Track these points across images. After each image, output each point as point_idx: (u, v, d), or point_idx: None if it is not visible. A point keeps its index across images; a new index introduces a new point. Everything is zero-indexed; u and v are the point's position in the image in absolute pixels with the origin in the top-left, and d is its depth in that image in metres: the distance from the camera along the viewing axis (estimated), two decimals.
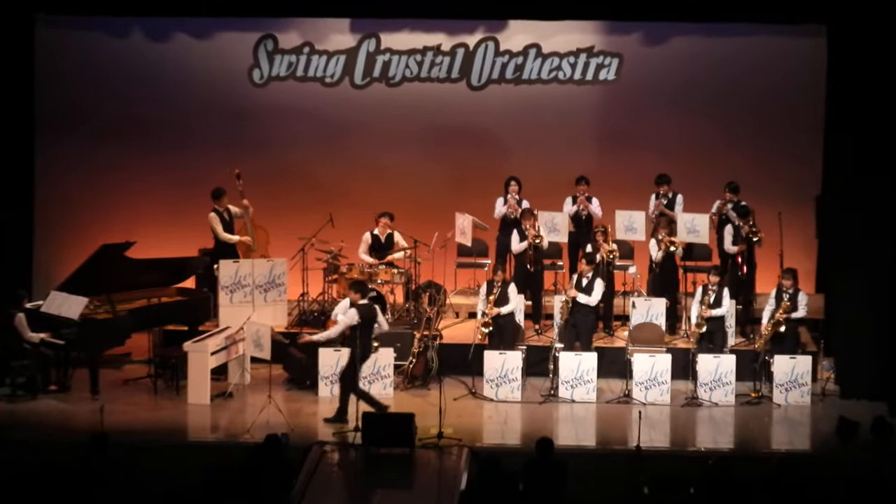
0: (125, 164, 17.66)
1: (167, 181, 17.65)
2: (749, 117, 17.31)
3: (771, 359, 14.79)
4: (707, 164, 17.12)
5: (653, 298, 15.72)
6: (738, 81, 17.29)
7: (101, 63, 17.62)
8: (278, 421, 13.82)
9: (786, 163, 17.19)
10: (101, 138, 17.60)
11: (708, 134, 17.39)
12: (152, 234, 16.74)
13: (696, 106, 17.39)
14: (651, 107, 17.47)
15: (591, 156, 17.48)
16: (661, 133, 17.40)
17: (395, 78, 17.66)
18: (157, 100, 17.67)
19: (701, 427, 14.29)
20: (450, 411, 13.89)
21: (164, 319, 15.68)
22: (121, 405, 14.36)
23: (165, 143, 17.67)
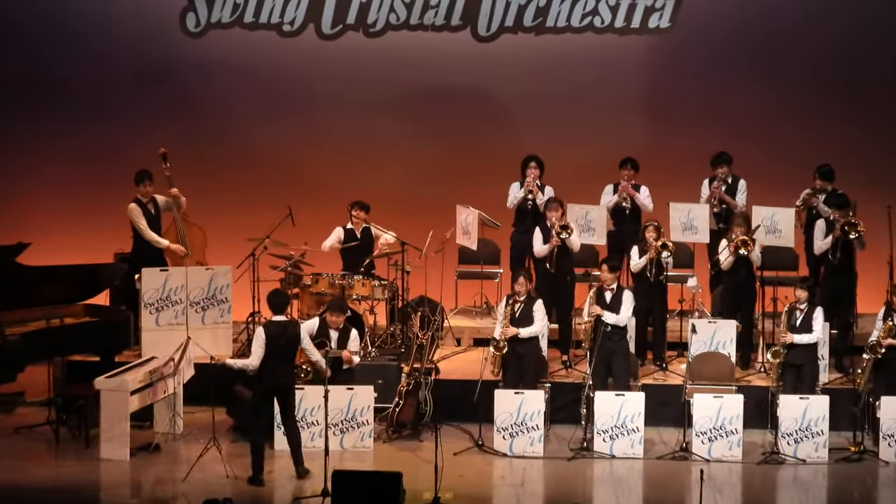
0: (16, 139, 17.87)
1: (72, 163, 17.86)
2: (847, 81, 17.54)
3: (877, 401, 14.83)
4: (789, 142, 17.34)
5: (720, 320, 15.81)
6: (833, 34, 17.54)
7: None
8: (221, 483, 13.86)
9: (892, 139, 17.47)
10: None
11: (793, 102, 17.62)
12: (53, 234, 16.92)
13: (777, 65, 17.60)
14: (717, 66, 17.70)
15: (638, 131, 17.71)
16: (730, 101, 17.66)
17: (375, 26, 17.85)
18: (61, 55, 17.86)
19: (784, 491, 14.33)
20: (449, 469, 13.83)
21: (69, 346, 15.67)
22: (12, 461, 14.38)
23: (70, 113, 17.85)
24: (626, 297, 15.21)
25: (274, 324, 14.08)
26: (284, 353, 14.06)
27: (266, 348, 13.90)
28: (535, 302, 15.24)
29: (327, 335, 14.75)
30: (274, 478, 14.19)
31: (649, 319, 16.03)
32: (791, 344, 14.98)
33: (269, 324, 14.12)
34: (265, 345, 13.89)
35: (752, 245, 15.68)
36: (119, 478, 14.19)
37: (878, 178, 16.88)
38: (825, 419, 14.70)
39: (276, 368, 13.98)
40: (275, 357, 13.95)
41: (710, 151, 16.67)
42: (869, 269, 16.29)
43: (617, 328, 15.16)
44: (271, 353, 13.93)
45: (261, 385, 14.05)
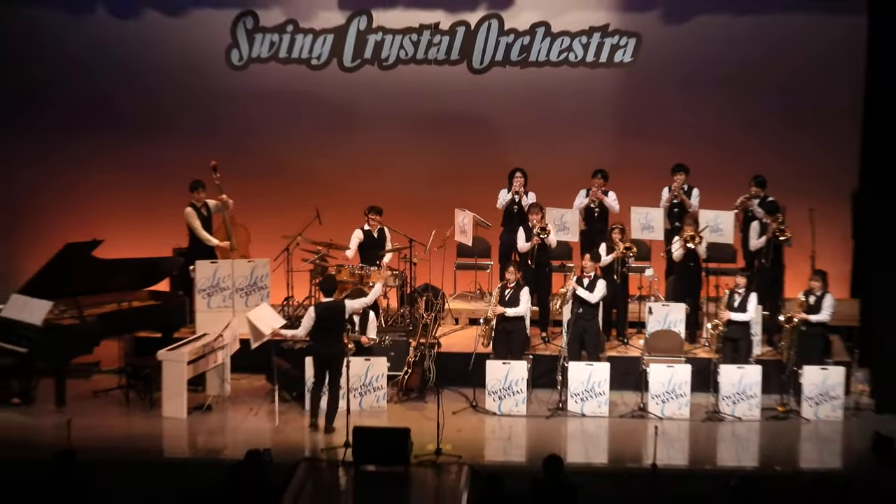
0: (91, 154, 17.81)
1: (138, 173, 17.78)
2: (778, 104, 17.48)
3: (800, 370, 14.96)
4: (732, 156, 17.28)
5: (671, 303, 15.88)
6: (766, 64, 17.45)
7: (62, 43, 17.78)
8: (262, 436, 14.04)
9: (819, 154, 17.37)
10: (65, 127, 17.78)
11: (733, 123, 17.55)
12: (122, 232, 16.86)
13: (720, 92, 17.53)
14: (671, 93, 17.61)
15: (605, 147, 17.60)
16: (682, 122, 17.57)
17: (388, 60, 17.85)
18: (126, 84, 17.80)
19: (723, 444, 14.42)
20: (448, 426, 14.00)
21: (136, 325, 15.82)
22: (89, 419, 14.34)
23: (135, 132, 17.80)
24: (600, 283, 15.35)
25: (323, 304, 14.36)
26: (332, 328, 14.29)
27: (316, 323, 14.22)
28: (522, 288, 15.36)
29: (350, 319, 14.90)
30: (305, 433, 14.31)
31: (614, 303, 16.13)
32: (729, 321, 15.12)
33: (319, 304, 14.41)
34: (314, 320, 14.22)
35: (699, 240, 15.82)
36: (178, 432, 14.40)
37: (804, 186, 16.88)
38: (758, 384, 14.87)
39: (325, 340, 14.27)
40: (324, 331, 14.25)
41: (666, 164, 16.63)
42: (795, 262, 16.33)
43: (588, 309, 15.26)
44: (321, 327, 14.23)
45: (314, 354, 14.35)
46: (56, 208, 17.87)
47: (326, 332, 14.31)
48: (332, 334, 14.36)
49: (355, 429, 13.37)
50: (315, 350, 14.44)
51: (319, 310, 14.38)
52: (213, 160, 16.51)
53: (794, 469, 13.70)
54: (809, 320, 15.11)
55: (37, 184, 17.88)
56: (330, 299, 14.49)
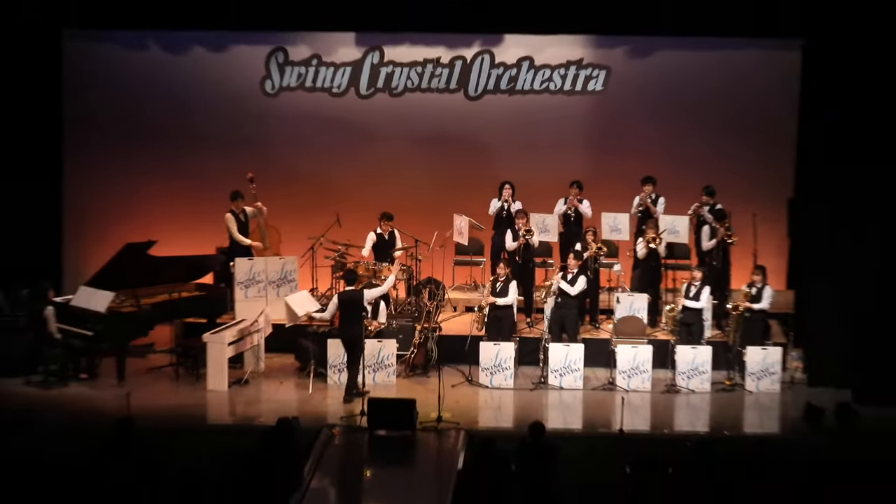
0: (146, 168, 17.76)
1: (185, 184, 17.75)
2: (727, 126, 17.38)
3: (744, 349, 14.97)
4: (688, 170, 17.19)
5: (635, 294, 15.85)
6: (717, 92, 17.39)
7: (123, 74, 17.74)
8: (290, 405, 14.06)
9: (761, 168, 17.29)
10: (124, 144, 17.72)
11: (689, 141, 17.46)
12: (172, 234, 16.86)
13: (678, 115, 17.47)
14: (636, 116, 17.55)
15: (580, 162, 17.52)
16: (645, 140, 17.48)
17: (397, 88, 17.79)
18: (176, 108, 17.77)
19: (679, 412, 14.41)
20: (448, 397, 14.00)
21: (185, 312, 15.80)
22: (145, 392, 14.42)
23: (184, 149, 17.77)
24: (580, 279, 15.33)
25: (345, 292, 14.36)
26: (352, 313, 14.26)
27: (339, 309, 14.22)
28: (510, 281, 15.35)
29: (364, 309, 14.80)
30: (327, 403, 14.34)
31: (587, 294, 15.98)
32: (684, 307, 15.14)
33: (342, 292, 14.41)
34: (338, 305, 14.23)
35: (659, 241, 15.85)
36: (220, 402, 14.44)
37: (747, 194, 16.80)
38: (709, 362, 14.89)
39: (347, 323, 14.26)
40: (347, 315, 14.24)
41: (631, 177, 16.54)
42: (739, 259, 16.29)
43: (570, 299, 15.26)
44: (344, 312, 14.22)
45: (341, 336, 14.36)
46: (118, 213, 17.81)
47: (349, 316, 14.28)
48: (354, 318, 14.31)
49: (369, 400, 13.43)
50: (340, 332, 14.42)
51: (342, 297, 14.37)
52: (249, 173, 16.52)
53: (739, 433, 13.72)
54: (752, 308, 15.11)
55: (100, 192, 17.84)
56: (351, 289, 14.41)
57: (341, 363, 14.84)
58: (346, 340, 14.39)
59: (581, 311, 15.96)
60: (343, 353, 14.71)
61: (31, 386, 14.82)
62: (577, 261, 15.40)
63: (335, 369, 14.96)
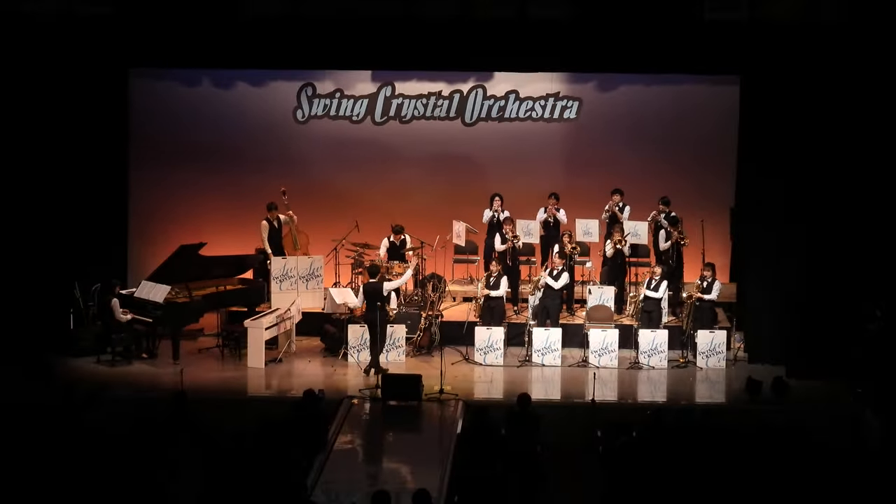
0: (197, 182, 17.63)
1: (230, 196, 17.59)
2: (680, 146, 17.19)
3: (695, 333, 14.87)
4: (648, 183, 17.00)
5: (604, 286, 15.74)
6: (671, 118, 17.19)
7: (180, 104, 17.60)
8: (317, 380, 13.92)
9: (709, 182, 17.09)
10: (179, 162, 17.56)
11: (649, 159, 17.23)
12: (219, 237, 16.71)
13: (640, 138, 17.28)
14: (605, 139, 17.39)
15: (558, 177, 17.36)
16: (613, 159, 17.31)
17: (406, 117, 17.61)
18: (222, 133, 17.60)
19: (641, 385, 14.35)
20: (448, 373, 13.95)
21: (229, 302, 15.67)
22: (196, 369, 14.39)
23: (228, 167, 17.63)
24: (563, 275, 15.19)
25: (369, 283, 14.17)
26: (374, 300, 14.05)
27: (364, 297, 14.07)
28: (501, 277, 15.23)
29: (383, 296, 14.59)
30: (347, 378, 14.22)
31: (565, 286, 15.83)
32: (646, 297, 15.02)
33: (366, 283, 14.24)
34: (363, 294, 14.11)
35: (625, 243, 15.73)
36: (258, 378, 14.32)
37: (697, 204, 16.64)
38: (665, 343, 14.79)
39: (370, 309, 14.07)
40: (371, 303, 14.05)
41: (601, 190, 16.45)
42: (690, 257, 16.15)
43: (554, 291, 15.14)
44: (367, 300, 14.04)
45: (365, 320, 14.16)
46: (174, 219, 17.58)
47: (371, 303, 14.10)
48: (375, 305, 14.14)
49: (382, 375, 13.49)
50: (365, 317, 14.25)
51: (366, 287, 14.22)
52: (282, 187, 16.47)
53: (691, 403, 13.66)
54: (703, 298, 14.99)
55: (161, 202, 17.62)
56: (373, 280, 14.20)
57: (360, 344, 14.70)
58: (371, 323, 14.22)
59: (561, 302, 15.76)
60: (364, 334, 14.60)
61: (101, 364, 14.75)
62: (562, 260, 15.28)
63: (354, 350, 14.86)
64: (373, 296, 14.18)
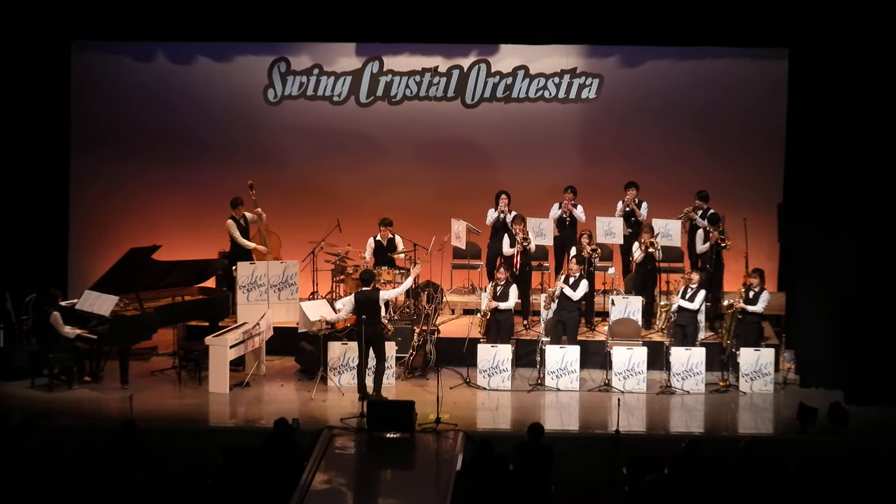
0: (151, 174, 17.58)
1: (188, 190, 17.57)
2: (718, 132, 17.21)
3: (737, 351, 14.79)
4: (680, 175, 17.01)
5: (630, 296, 15.67)
6: (707, 99, 17.21)
7: (130, 84, 17.54)
8: (291, 407, 13.84)
9: (751, 173, 17.08)
10: (130, 151, 17.52)
11: (681, 147, 17.28)
12: (176, 239, 16.67)
13: (670, 122, 17.30)
14: (629, 123, 17.39)
15: (574, 167, 17.37)
16: (638, 146, 17.32)
17: (396, 97, 17.60)
18: (180, 117, 17.59)
19: (674, 413, 14.28)
20: (446, 399, 13.85)
21: (188, 316, 15.61)
22: (148, 394, 14.32)
23: (187, 156, 17.59)
24: (583, 283, 15.14)
25: (361, 292, 14.08)
26: (369, 312, 13.97)
27: (356, 308, 13.96)
28: (510, 285, 15.16)
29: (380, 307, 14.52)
30: (327, 405, 14.14)
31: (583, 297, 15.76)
32: (680, 310, 14.95)
33: (359, 292, 14.14)
34: (354, 305, 13.99)
35: (656, 245, 15.65)
36: (221, 406, 14.22)
37: (738, 199, 16.62)
38: (703, 363, 14.68)
39: (366, 322, 13.95)
40: (363, 315, 13.93)
41: (623, 181, 16.49)
42: (730, 261, 16.06)
43: (571, 302, 15.10)
44: (360, 312, 13.93)
45: (359, 335, 14.03)
46: (123, 218, 17.60)
47: (366, 315, 14.00)
48: (371, 317, 14.05)
49: (368, 402, 13.32)
50: (359, 332, 14.12)
51: (359, 297, 14.12)
52: (249, 180, 16.39)
53: (733, 434, 13.59)
54: (747, 310, 14.92)
55: (106, 198, 17.61)
56: (367, 289, 14.16)
57: (342, 365, 14.69)
58: (366, 339, 14.11)
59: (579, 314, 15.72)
60: (347, 353, 14.61)
61: (37, 389, 14.65)
62: (580, 266, 15.25)
63: (335, 371, 14.78)
64: (367, 307, 14.09)
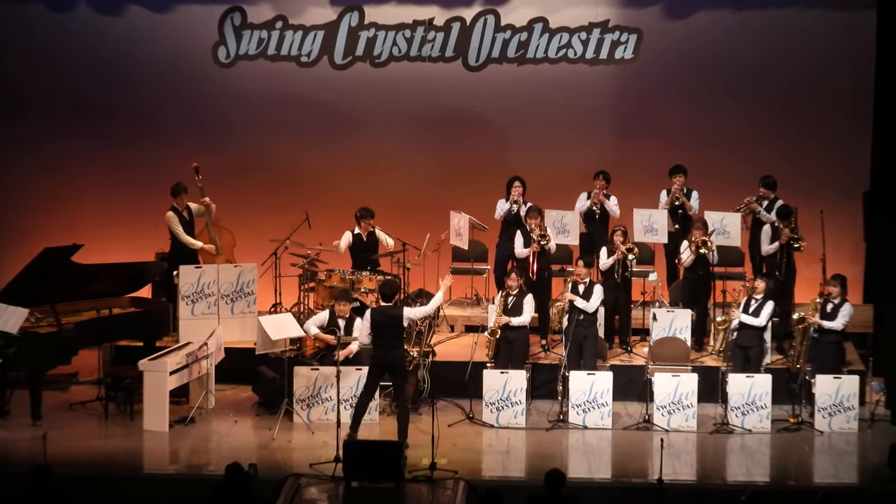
0: (72, 155, 17.66)
1: (118, 176, 17.65)
2: (783, 102, 17.34)
3: (812, 379, 14.78)
4: (740, 157, 17.13)
5: (677, 309, 15.73)
6: (770, 61, 17.33)
7: (43, 40, 17.65)
8: (248, 450, 13.84)
9: (828, 155, 17.23)
10: (43, 128, 17.66)
11: (740, 122, 17.40)
12: (102, 237, 16.74)
13: (723, 90, 17.42)
14: (674, 91, 17.51)
15: (606, 147, 17.49)
16: (686, 121, 17.47)
17: (380, 57, 17.68)
18: (108, 82, 17.69)
19: (732, 457, 14.24)
20: (444, 439, 13.75)
21: (117, 333, 15.59)
22: (66, 432, 14.24)
23: (116, 133, 17.68)
24: (596, 289, 15.18)
25: (379, 309, 14.03)
26: (389, 334, 13.91)
27: (372, 329, 13.92)
28: (525, 295, 15.16)
29: (336, 324, 14.65)
30: (293, 447, 14.12)
31: (616, 309, 15.89)
32: (741, 326, 14.93)
33: (375, 309, 14.09)
34: (370, 326, 13.93)
35: (710, 245, 15.65)
36: (159, 447, 14.14)
37: (812, 187, 16.71)
38: (768, 394, 14.65)
39: (383, 347, 13.90)
40: (381, 337, 13.90)
41: (667, 165, 16.51)
42: (802, 265, 16.09)
43: (588, 317, 15.09)
44: (378, 333, 13.91)
45: (374, 362, 14.00)
46: (34, 211, 17.74)
47: (384, 338, 13.95)
48: (392, 341, 13.99)
49: (346, 442, 13.24)
50: (375, 357, 14.07)
51: (376, 316, 14.04)
52: (194, 162, 16.40)
53: (807, 484, 13.49)
54: (822, 326, 14.89)
55: (14, 185, 17.77)
56: (387, 304, 14.14)
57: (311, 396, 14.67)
58: (384, 367, 14.04)
59: (609, 331, 15.81)
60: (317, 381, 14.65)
61: None
62: (588, 269, 15.34)
63: (303, 404, 14.77)
64: (386, 329, 14.00)
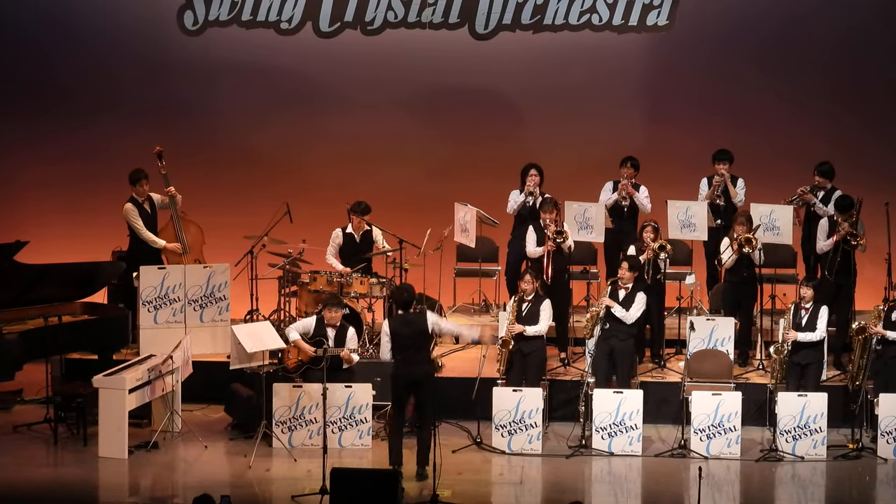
0: (17, 139, 17.83)
1: (69, 162, 17.77)
2: (843, 78, 17.44)
3: (874, 398, 14.82)
4: (788, 139, 17.26)
5: (718, 317, 15.77)
6: (828, 29, 17.44)
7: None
8: (219, 479, 13.91)
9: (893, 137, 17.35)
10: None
11: (793, 99, 17.51)
12: (50, 232, 16.89)
13: (769, 63, 17.51)
14: (716, 62, 17.63)
15: (636, 129, 17.61)
16: (730, 98, 17.59)
17: (373, 23, 17.78)
18: (60, 53, 17.81)
19: (782, 489, 14.31)
20: (447, 467, 13.86)
21: (67, 345, 15.55)
22: (9, 459, 14.34)
23: (70, 112, 17.82)
24: (639, 297, 15.23)
25: (399, 317, 14.20)
26: (413, 345, 14.05)
27: (392, 341, 14.06)
28: (542, 301, 15.22)
29: (324, 334, 14.73)
30: (272, 476, 14.17)
31: (647, 317, 15.78)
32: (796, 343, 14.96)
33: (394, 317, 14.29)
34: (390, 337, 14.08)
35: (755, 243, 15.67)
36: (117, 476, 14.18)
37: (879, 175, 16.84)
38: (823, 416, 14.67)
39: (409, 360, 14.04)
40: (404, 349, 14.04)
41: (708, 150, 16.57)
42: (866, 265, 16.22)
43: (624, 327, 15.17)
44: (399, 346, 14.04)
45: (397, 378, 14.12)
46: None
47: (407, 351, 14.08)
48: (417, 352, 14.13)
49: (333, 470, 13.16)
50: (397, 374, 14.18)
51: (394, 325, 14.19)
52: (157, 146, 16.42)
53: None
54: (886, 337, 14.95)
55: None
56: (408, 311, 14.29)
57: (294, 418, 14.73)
58: (410, 384, 14.15)
59: (639, 343, 15.81)
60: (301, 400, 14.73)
61: None
62: (633, 272, 15.31)
63: (284, 427, 14.83)
64: (411, 339, 14.12)
